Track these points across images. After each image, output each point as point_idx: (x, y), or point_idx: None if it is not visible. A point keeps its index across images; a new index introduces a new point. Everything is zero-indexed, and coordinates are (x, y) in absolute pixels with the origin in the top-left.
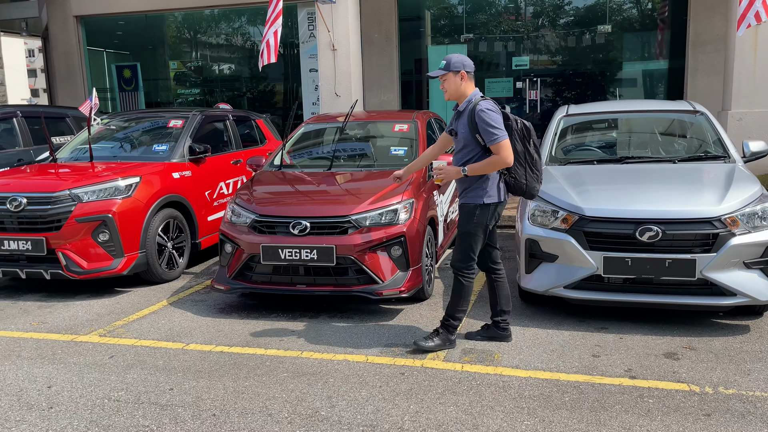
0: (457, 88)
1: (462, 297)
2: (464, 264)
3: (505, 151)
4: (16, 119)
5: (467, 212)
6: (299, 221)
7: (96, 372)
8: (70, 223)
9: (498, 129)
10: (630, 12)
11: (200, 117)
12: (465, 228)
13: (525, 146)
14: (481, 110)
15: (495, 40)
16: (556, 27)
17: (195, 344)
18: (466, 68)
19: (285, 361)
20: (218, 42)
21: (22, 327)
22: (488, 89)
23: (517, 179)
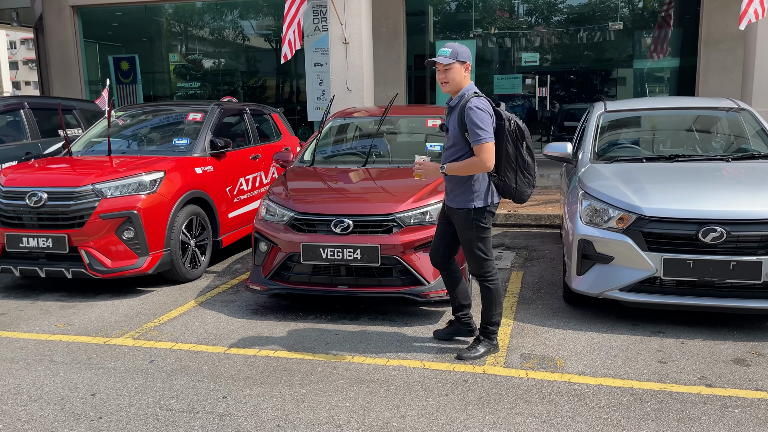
0: (461, 80)
1: (493, 301)
2: (483, 269)
3: (486, 153)
4: (23, 111)
5: (462, 219)
6: (341, 219)
7: (139, 378)
8: (94, 219)
9: (484, 130)
10: (641, 9)
11: (219, 110)
12: (466, 235)
13: (517, 148)
14: (470, 108)
15: (504, 36)
16: (566, 23)
17: (236, 348)
18: (470, 60)
19: (337, 367)
20: (219, 35)
21: (48, 329)
22: (497, 86)
23: (506, 183)
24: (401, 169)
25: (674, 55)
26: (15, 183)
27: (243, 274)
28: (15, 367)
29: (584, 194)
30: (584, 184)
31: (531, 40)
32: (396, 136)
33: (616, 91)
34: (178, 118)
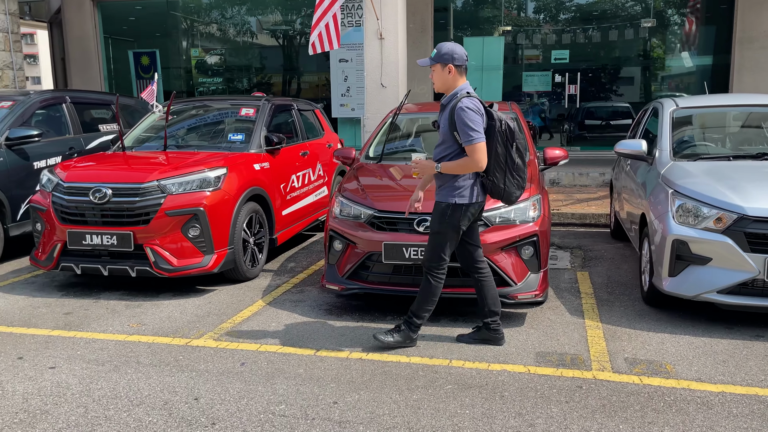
0: (445, 81)
1: (429, 296)
2: (435, 263)
3: (477, 153)
4: (65, 105)
5: (439, 211)
6: (425, 218)
7: (237, 381)
8: (160, 216)
9: (474, 131)
10: (674, 7)
11: (271, 106)
12: (436, 227)
13: (507, 149)
14: (461, 108)
15: (533, 33)
16: (598, 20)
17: (325, 351)
18: (456, 61)
19: (438, 371)
20: (240, 30)
21: (121, 329)
22: (526, 83)
23: (495, 183)
24: None
25: (707, 53)
26: (77, 179)
27: (300, 272)
28: (103, 370)
29: (674, 193)
30: (672, 182)
31: (561, 38)
32: None
33: (648, 90)
34: (230, 112)
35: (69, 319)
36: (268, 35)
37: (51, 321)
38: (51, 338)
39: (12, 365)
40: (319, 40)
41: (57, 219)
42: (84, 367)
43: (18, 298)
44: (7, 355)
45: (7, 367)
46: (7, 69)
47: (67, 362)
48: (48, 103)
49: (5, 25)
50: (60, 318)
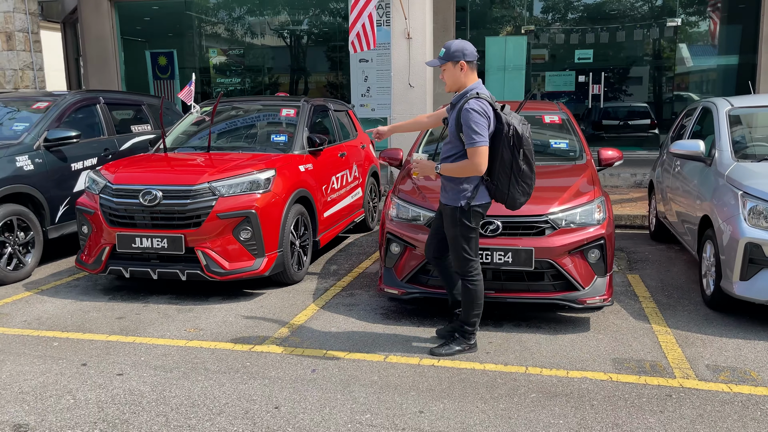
0: (457, 79)
1: (473, 301)
2: (465, 268)
3: (478, 157)
4: (99, 106)
5: (449, 215)
6: (490, 221)
7: (313, 389)
8: (211, 219)
9: (478, 134)
10: (699, 6)
11: (310, 106)
12: (451, 232)
13: (513, 155)
14: (467, 109)
15: (557, 33)
16: (623, 19)
17: (394, 356)
18: (467, 57)
19: (517, 379)
20: (259, 30)
21: (179, 333)
22: (549, 82)
23: (498, 187)
24: (541, 167)
25: (733, 52)
26: (126, 181)
27: (345, 275)
28: (172, 377)
29: (744, 195)
30: (740, 183)
31: (585, 36)
32: None
33: (673, 90)
34: (270, 113)
35: (123, 324)
36: (285, 35)
37: (106, 326)
38: (110, 344)
39: (78, 372)
40: (358, 40)
41: (105, 221)
42: (152, 374)
43: (65, 302)
44: (70, 362)
45: (73, 375)
46: (28, 69)
47: (133, 369)
48: (83, 104)
49: (25, 24)
50: (114, 323)
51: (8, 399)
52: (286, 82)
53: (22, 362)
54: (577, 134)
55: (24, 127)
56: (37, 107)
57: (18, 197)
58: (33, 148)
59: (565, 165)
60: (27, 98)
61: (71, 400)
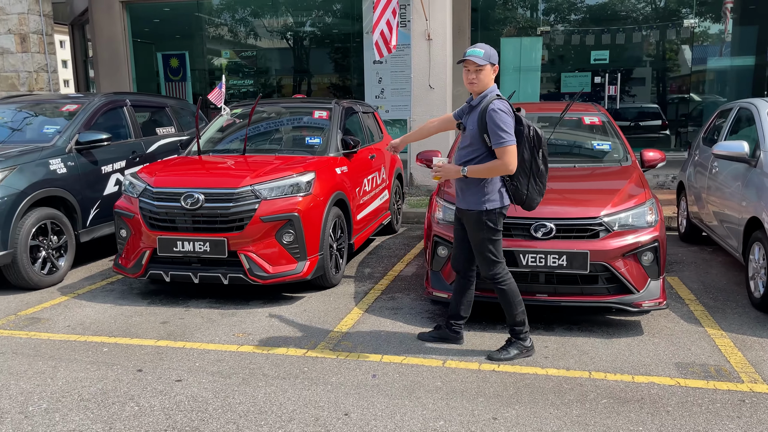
0: (489, 81)
1: (511, 301)
2: (492, 271)
3: (508, 156)
4: (126, 108)
5: (474, 221)
6: (543, 223)
7: (379, 395)
8: (255, 222)
9: (507, 132)
10: (714, 7)
11: (341, 108)
12: (477, 237)
13: (533, 155)
14: (493, 110)
15: (573, 33)
16: (638, 20)
17: (452, 361)
18: (497, 62)
19: (584, 384)
20: (272, 31)
21: (227, 339)
22: (564, 84)
23: (518, 188)
24: (588, 168)
25: (749, 53)
26: (167, 184)
27: (381, 278)
28: (232, 383)
29: None
30: None
31: (600, 37)
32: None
33: (688, 90)
34: (302, 116)
35: (169, 329)
36: (298, 37)
37: (152, 331)
38: (161, 349)
39: (136, 378)
40: (383, 38)
41: (145, 225)
42: (211, 380)
43: (105, 307)
44: (124, 368)
45: (131, 381)
46: (42, 72)
47: (191, 374)
48: (110, 107)
49: (39, 26)
50: (159, 327)
51: (70, 407)
52: (298, 83)
53: (76, 368)
54: (618, 136)
55: (55, 129)
56: (66, 110)
57: (50, 201)
58: (65, 151)
59: (612, 167)
60: (55, 101)
61: (135, 407)
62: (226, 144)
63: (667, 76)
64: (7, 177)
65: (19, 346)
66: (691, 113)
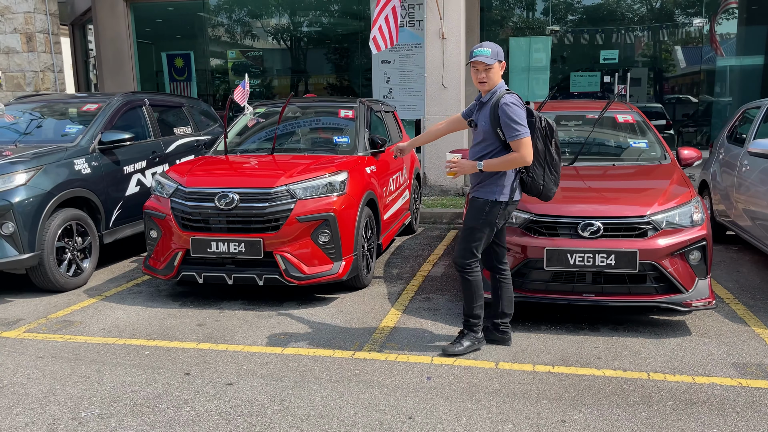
0: (498, 79)
1: (474, 293)
2: (467, 260)
3: (525, 148)
4: (145, 108)
5: (477, 207)
6: (590, 222)
7: (439, 398)
8: (291, 222)
9: (521, 125)
10: (726, 5)
11: (366, 107)
12: (472, 223)
13: (546, 146)
14: (505, 104)
15: (582, 33)
16: (648, 20)
17: (505, 363)
18: (503, 59)
19: (645, 385)
20: (278, 31)
21: (268, 341)
22: (573, 83)
23: (534, 179)
24: (628, 167)
25: (759, 53)
26: (200, 184)
27: (411, 279)
28: (285, 386)
29: None
30: None
31: (610, 37)
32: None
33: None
34: (327, 115)
35: (207, 331)
36: (306, 36)
37: (189, 333)
38: (203, 352)
39: (185, 382)
40: (381, 35)
41: (178, 226)
42: (263, 384)
43: (136, 309)
44: (171, 371)
45: (180, 385)
46: (48, 71)
47: (241, 378)
48: (130, 106)
49: (46, 26)
50: (196, 330)
51: (124, 412)
52: (305, 83)
53: (121, 372)
54: (654, 134)
55: (77, 129)
56: (86, 109)
57: (74, 201)
58: (89, 151)
59: (652, 165)
60: (74, 101)
61: (192, 412)
62: (251, 143)
63: (675, 75)
64: (34, 177)
65: (57, 349)
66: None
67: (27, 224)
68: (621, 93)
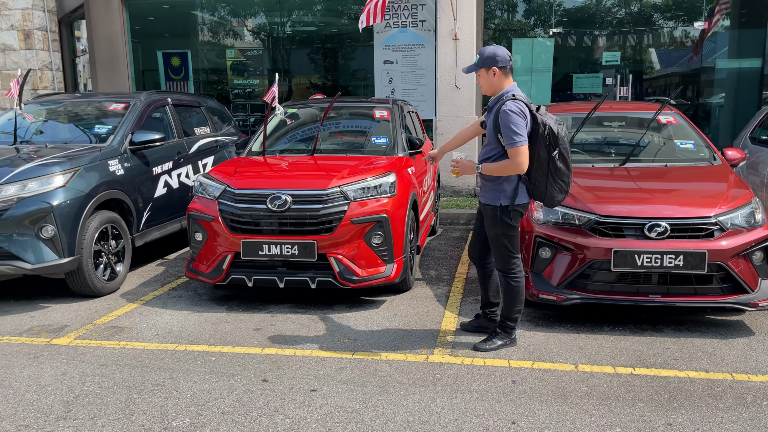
0: (491, 84)
1: (515, 297)
2: (507, 265)
3: (519, 157)
4: (168, 107)
5: (489, 215)
6: (657, 223)
7: (535, 402)
8: (345, 224)
9: (517, 134)
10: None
11: (399, 107)
12: (493, 231)
13: (549, 153)
14: (504, 111)
15: (584, 35)
16: (650, 22)
17: (584, 365)
18: (499, 63)
19: (733, 386)
20: (277, 30)
21: (334, 345)
22: (576, 85)
23: (536, 186)
24: (682, 168)
25: (757, 55)
26: (250, 185)
27: (453, 280)
28: (371, 392)
29: None
30: None
31: (612, 39)
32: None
33: (697, 92)
34: (362, 115)
35: (267, 336)
36: (307, 36)
37: (249, 338)
38: (272, 357)
39: (267, 389)
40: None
41: (227, 228)
42: (348, 389)
43: (182, 314)
44: (247, 378)
45: (263, 392)
46: (47, 69)
47: (322, 384)
48: (156, 106)
49: (44, 23)
50: (254, 335)
51: (217, 421)
52: (306, 83)
53: (195, 379)
54: (699, 135)
55: (107, 129)
56: (113, 109)
57: (107, 204)
58: (121, 152)
59: (704, 166)
60: (97, 99)
61: (287, 420)
62: (285, 144)
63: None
64: (73, 179)
65: (118, 357)
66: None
67: (67, 227)
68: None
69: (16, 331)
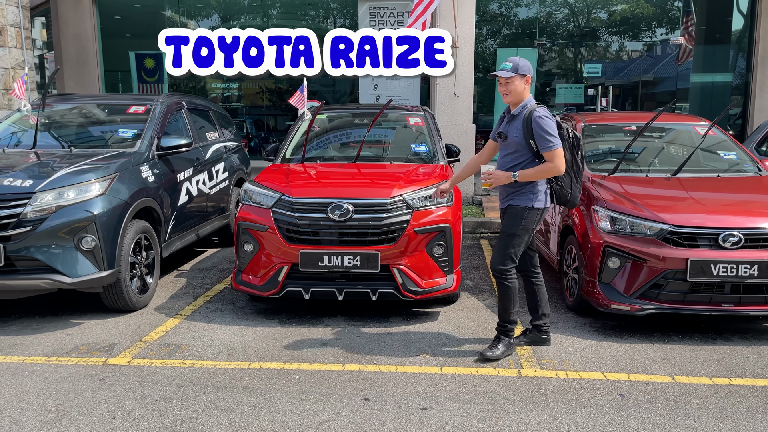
0: (520, 92)
1: (511, 299)
2: (506, 267)
3: (558, 159)
4: (184, 111)
5: (516, 214)
6: (732, 233)
7: (654, 416)
8: (408, 234)
9: (554, 136)
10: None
11: (431, 115)
12: (511, 230)
13: (573, 156)
14: (538, 116)
15: (567, 46)
16: (629, 36)
17: (680, 377)
18: (530, 73)
19: None
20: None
21: (416, 360)
22: (559, 95)
23: (563, 188)
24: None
25: (729, 70)
26: (309, 194)
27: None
28: (483, 409)
29: None
30: None
31: (594, 51)
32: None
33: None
34: (397, 122)
35: (338, 351)
36: None
37: (322, 354)
38: (360, 374)
39: (373, 408)
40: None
41: (283, 239)
42: (458, 407)
43: (234, 329)
44: (347, 397)
45: (372, 411)
46: (19, 68)
47: (429, 402)
48: (174, 110)
49: (17, 19)
50: (325, 350)
51: None
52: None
53: (290, 400)
54: (738, 146)
55: (131, 134)
56: (134, 112)
57: (139, 213)
58: (149, 158)
59: (755, 176)
60: (113, 101)
61: None
62: (318, 151)
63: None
64: (112, 185)
65: (193, 377)
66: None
67: (108, 238)
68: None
69: (61, 351)
